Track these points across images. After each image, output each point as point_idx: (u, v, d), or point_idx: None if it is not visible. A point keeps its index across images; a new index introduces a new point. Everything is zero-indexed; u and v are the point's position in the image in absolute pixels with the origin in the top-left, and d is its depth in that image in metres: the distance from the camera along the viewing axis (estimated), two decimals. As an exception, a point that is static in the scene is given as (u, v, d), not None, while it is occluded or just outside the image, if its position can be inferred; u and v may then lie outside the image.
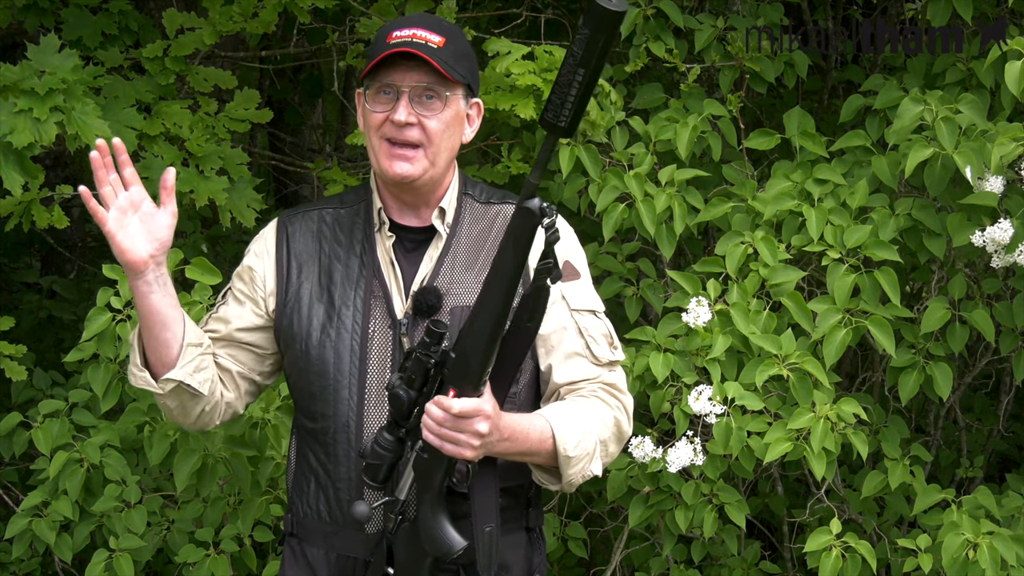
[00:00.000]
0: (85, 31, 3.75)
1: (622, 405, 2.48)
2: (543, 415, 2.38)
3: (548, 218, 2.15)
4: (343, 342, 2.41)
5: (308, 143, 5.88)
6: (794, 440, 3.24)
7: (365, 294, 2.42)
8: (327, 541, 2.45)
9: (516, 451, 2.32)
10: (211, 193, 3.51)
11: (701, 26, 3.75)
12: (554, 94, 2.08)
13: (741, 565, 3.81)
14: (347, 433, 2.40)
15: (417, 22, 2.40)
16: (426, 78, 2.35)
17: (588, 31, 2.03)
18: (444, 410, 2.20)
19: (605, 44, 2.04)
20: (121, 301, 3.24)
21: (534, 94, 3.48)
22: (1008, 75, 3.26)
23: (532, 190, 2.14)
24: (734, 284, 3.41)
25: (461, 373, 2.21)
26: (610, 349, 2.49)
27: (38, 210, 3.44)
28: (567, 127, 2.09)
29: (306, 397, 2.45)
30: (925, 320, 3.42)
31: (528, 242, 2.17)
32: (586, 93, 2.07)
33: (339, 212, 2.51)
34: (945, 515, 3.40)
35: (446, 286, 2.41)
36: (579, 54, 2.04)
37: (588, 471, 2.40)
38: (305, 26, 4.19)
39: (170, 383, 2.39)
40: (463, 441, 2.22)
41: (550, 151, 2.13)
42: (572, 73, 2.06)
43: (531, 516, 2.52)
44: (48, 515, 3.43)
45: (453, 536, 2.29)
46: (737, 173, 3.67)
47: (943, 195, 3.40)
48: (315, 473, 2.45)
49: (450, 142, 2.42)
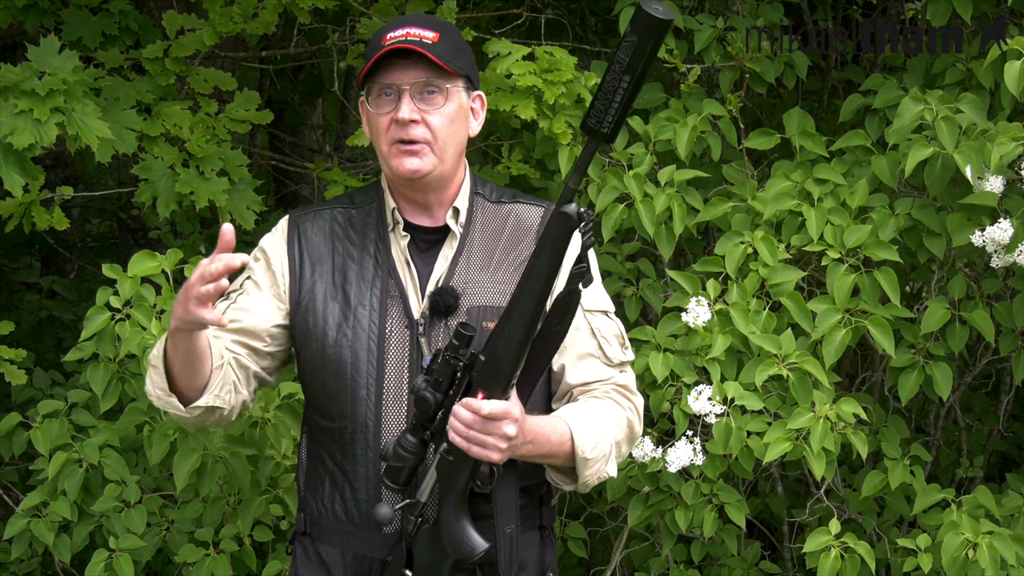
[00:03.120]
0: (85, 31, 3.75)
1: (634, 406, 2.50)
2: (562, 417, 2.39)
3: (585, 223, 2.17)
4: (360, 341, 2.40)
5: (308, 143, 5.87)
6: (794, 440, 3.24)
7: (381, 293, 2.42)
8: (343, 540, 2.44)
9: (538, 453, 2.34)
10: (211, 194, 3.51)
11: (701, 27, 3.75)
12: (598, 99, 2.09)
13: (741, 565, 3.81)
14: (365, 433, 2.39)
15: (410, 22, 2.41)
16: (424, 73, 2.36)
17: (635, 38, 2.04)
18: (474, 412, 2.20)
19: (652, 51, 2.05)
20: (120, 301, 3.24)
21: (535, 95, 3.48)
22: (1008, 75, 3.26)
23: (570, 195, 2.16)
24: (734, 284, 3.41)
25: (491, 375, 2.22)
26: (622, 350, 2.51)
27: (38, 211, 3.44)
28: (610, 133, 2.11)
29: (322, 397, 2.44)
30: (925, 320, 3.42)
31: (564, 246, 2.19)
32: (629, 100, 2.08)
33: (350, 212, 2.50)
34: (945, 515, 3.40)
35: (462, 286, 2.41)
36: (625, 61, 2.05)
37: (604, 472, 2.42)
38: (305, 26, 4.19)
39: (199, 409, 2.39)
40: (491, 444, 2.22)
41: (591, 156, 2.15)
42: (618, 80, 2.07)
43: (544, 514, 2.53)
44: (47, 516, 3.43)
45: (475, 538, 2.30)
46: (737, 173, 3.67)
47: (943, 195, 3.40)
48: (330, 473, 2.45)
49: (456, 137, 2.42)
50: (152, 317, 3.21)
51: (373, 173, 4.27)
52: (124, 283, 3.23)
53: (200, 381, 2.37)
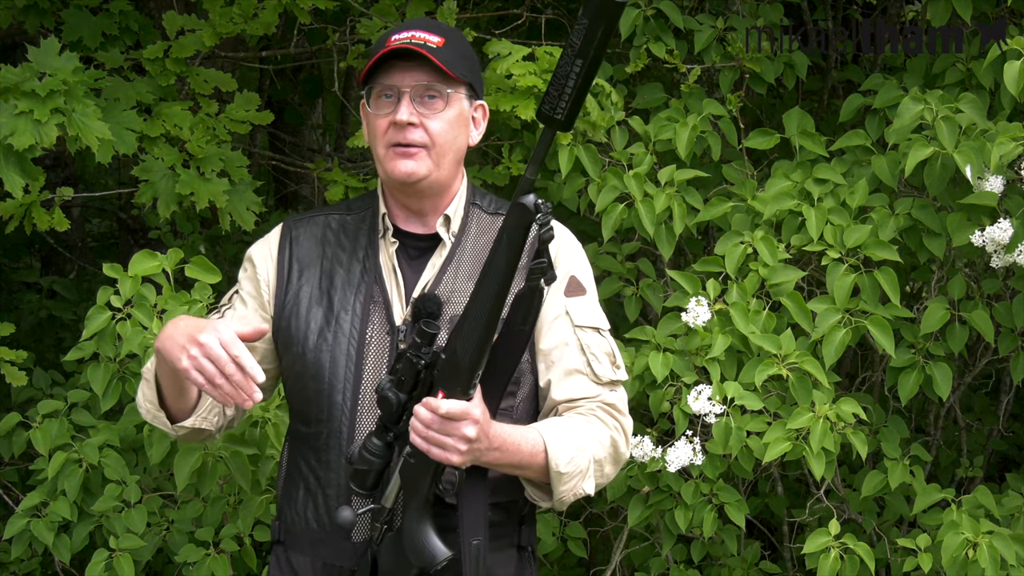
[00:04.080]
0: (85, 32, 3.75)
1: (620, 426, 2.42)
2: (536, 429, 2.32)
3: (543, 215, 2.10)
4: (339, 347, 2.37)
5: (308, 143, 5.88)
6: (793, 440, 3.24)
7: (365, 299, 2.38)
8: (314, 549, 2.40)
9: (506, 463, 2.27)
10: (211, 195, 3.51)
11: (701, 27, 3.75)
12: (551, 86, 2.03)
13: (741, 565, 3.81)
14: (339, 438, 2.35)
15: (416, 25, 2.37)
16: (426, 77, 2.32)
17: (587, 21, 1.97)
18: (431, 411, 2.14)
19: (604, 35, 1.98)
20: (121, 300, 3.24)
21: (535, 95, 3.48)
22: (1007, 75, 3.26)
23: (528, 186, 2.09)
24: (734, 284, 3.41)
25: (451, 375, 2.16)
26: (612, 368, 2.43)
27: (38, 212, 3.44)
28: (564, 120, 2.04)
29: (301, 401, 2.41)
30: (925, 320, 3.43)
31: (522, 239, 2.12)
32: (584, 85, 2.02)
33: (345, 218, 2.47)
34: (945, 515, 3.40)
35: (447, 295, 2.35)
36: (577, 44, 1.99)
37: (580, 489, 2.34)
38: (305, 26, 4.19)
39: (185, 429, 2.41)
40: (450, 445, 2.16)
41: (547, 145, 2.08)
42: (570, 64, 2.00)
43: (523, 534, 2.46)
44: (47, 516, 3.43)
45: (437, 546, 2.23)
46: (737, 173, 3.67)
47: (943, 195, 3.40)
48: (304, 479, 2.41)
49: (455, 143, 2.37)
50: (153, 316, 3.21)
51: (373, 174, 4.27)
52: (125, 282, 3.23)
53: (188, 403, 2.37)
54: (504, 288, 2.13)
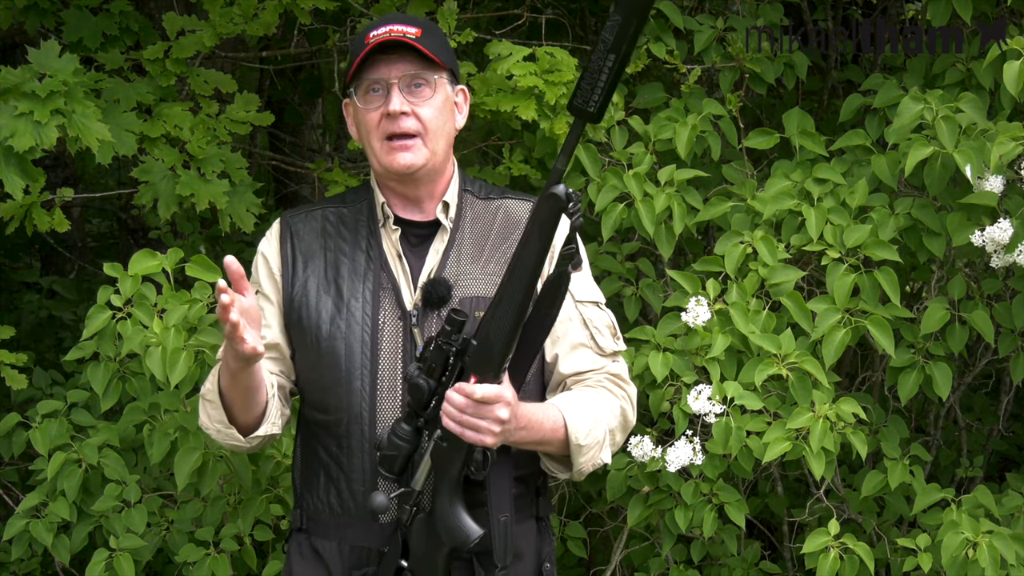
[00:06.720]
0: (85, 32, 3.75)
1: (627, 395, 2.53)
2: (555, 404, 2.41)
3: (573, 203, 2.17)
4: (353, 334, 2.43)
5: (308, 143, 5.87)
6: (793, 440, 3.24)
7: (374, 286, 2.45)
8: (340, 532, 2.46)
9: (531, 440, 2.36)
10: (212, 196, 3.51)
11: (701, 27, 3.76)
12: (583, 80, 2.11)
13: (741, 565, 3.81)
14: (360, 424, 2.42)
15: (391, 20, 2.45)
16: (412, 67, 2.40)
17: (619, 17, 2.06)
18: (466, 396, 2.22)
19: (635, 30, 2.07)
20: (121, 299, 3.24)
21: (535, 96, 3.49)
22: (1007, 75, 3.26)
23: (558, 176, 2.17)
24: (733, 284, 3.41)
25: (483, 360, 2.23)
26: (613, 340, 2.54)
27: (39, 213, 3.44)
28: (596, 112, 2.13)
29: (317, 390, 2.47)
30: (925, 320, 3.42)
31: (553, 228, 2.20)
32: (615, 79, 2.10)
33: (342, 211, 2.54)
34: (945, 514, 3.40)
35: (454, 278, 2.44)
36: (610, 40, 2.08)
37: (598, 459, 2.44)
38: (305, 27, 4.19)
39: (258, 439, 2.46)
40: (484, 428, 2.24)
41: (578, 137, 2.16)
42: (603, 59, 2.09)
43: (540, 505, 2.55)
44: (46, 516, 3.43)
45: (470, 525, 2.31)
46: (737, 173, 3.67)
47: (943, 194, 3.40)
48: (325, 466, 2.46)
49: (445, 128, 2.46)
50: (153, 316, 3.21)
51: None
52: (125, 281, 3.23)
53: (258, 411, 2.43)
54: (536, 275, 2.21)
